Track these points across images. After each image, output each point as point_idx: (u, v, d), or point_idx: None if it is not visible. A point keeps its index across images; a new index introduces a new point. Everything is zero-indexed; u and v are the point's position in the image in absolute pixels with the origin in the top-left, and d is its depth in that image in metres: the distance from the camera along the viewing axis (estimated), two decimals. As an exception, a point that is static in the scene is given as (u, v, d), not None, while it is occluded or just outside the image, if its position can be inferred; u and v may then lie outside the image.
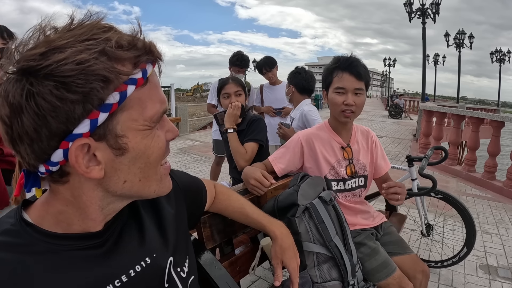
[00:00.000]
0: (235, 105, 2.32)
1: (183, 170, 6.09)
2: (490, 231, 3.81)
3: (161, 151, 0.65)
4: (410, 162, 2.99)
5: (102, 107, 0.54)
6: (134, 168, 0.62)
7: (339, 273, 1.39)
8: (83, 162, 0.56)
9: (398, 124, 15.82)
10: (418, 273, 1.74)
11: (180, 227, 0.90)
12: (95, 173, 0.58)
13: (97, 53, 0.53)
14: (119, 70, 0.55)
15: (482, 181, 5.60)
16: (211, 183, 1.22)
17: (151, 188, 0.67)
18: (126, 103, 0.57)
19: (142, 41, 0.59)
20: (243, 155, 2.26)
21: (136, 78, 0.57)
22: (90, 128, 0.54)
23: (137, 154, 0.61)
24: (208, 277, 1.05)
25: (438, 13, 16.27)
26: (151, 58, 0.60)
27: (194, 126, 13.41)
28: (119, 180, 0.61)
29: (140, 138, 0.60)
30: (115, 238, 0.69)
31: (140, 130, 0.60)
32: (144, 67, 0.59)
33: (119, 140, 0.58)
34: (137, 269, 0.70)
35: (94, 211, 0.64)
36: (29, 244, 0.59)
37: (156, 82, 0.64)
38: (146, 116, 0.60)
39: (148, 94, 0.60)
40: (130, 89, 0.56)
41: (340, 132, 1.81)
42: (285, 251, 1.17)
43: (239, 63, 4.08)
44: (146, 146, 0.61)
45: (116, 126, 0.57)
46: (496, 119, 5.74)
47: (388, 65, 46.34)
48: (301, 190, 1.44)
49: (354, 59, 1.70)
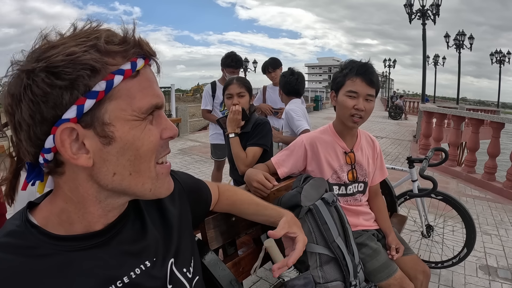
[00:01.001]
0: (235, 110, 2.27)
1: (184, 170, 6.12)
2: (490, 232, 3.82)
3: (152, 144, 0.64)
4: (411, 164, 3.01)
5: (88, 94, 0.56)
6: (123, 159, 0.62)
7: (341, 273, 1.40)
8: (69, 148, 0.58)
9: (398, 125, 15.82)
10: (419, 273, 1.75)
11: (184, 228, 0.90)
12: (83, 161, 0.59)
13: (87, 47, 0.57)
14: (107, 61, 0.58)
15: (482, 182, 5.61)
16: (214, 184, 1.22)
17: (145, 186, 0.66)
18: (114, 92, 0.59)
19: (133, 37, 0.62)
20: (243, 160, 2.24)
21: (124, 69, 0.60)
22: (77, 113, 0.57)
23: (125, 145, 0.61)
24: (212, 278, 1.06)
25: (438, 14, 16.27)
26: (139, 52, 0.62)
27: (194, 127, 13.39)
28: (108, 171, 0.62)
29: (128, 128, 0.61)
30: (118, 239, 0.70)
31: (129, 120, 0.61)
32: (134, 60, 0.61)
33: (106, 128, 0.59)
34: (137, 272, 0.71)
35: (92, 204, 0.65)
36: (33, 246, 0.60)
37: (150, 77, 0.65)
38: (134, 106, 0.61)
39: (139, 86, 0.62)
40: (117, 78, 0.59)
41: (345, 137, 1.81)
42: (297, 221, 1.16)
43: (234, 64, 3.95)
44: (135, 137, 0.62)
45: (104, 114, 0.59)
46: (496, 120, 5.75)
47: (388, 66, 46.22)
48: (304, 191, 1.46)
49: (369, 65, 1.69)
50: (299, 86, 3.08)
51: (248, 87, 2.44)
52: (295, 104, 3.00)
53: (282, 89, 3.09)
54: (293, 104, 2.99)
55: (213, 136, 4.10)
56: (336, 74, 1.78)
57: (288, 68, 3.22)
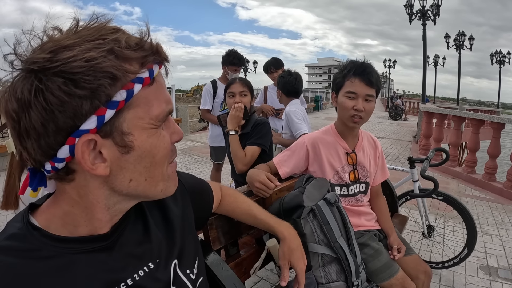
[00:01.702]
0: (237, 107, 2.27)
1: (184, 171, 6.08)
2: (491, 232, 3.82)
3: (166, 151, 0.65)
4: (412, 164, 3.02)
5: (109, 104, 0.54)
6: (139, 166, 0.62)
7: (344, 273, 1.41)
8: (89, 159, 0.56)
9: (398, 125, 15.82)
10: (420, 273, 1.75)
11: (187, 229, 0.89)
12: (101, 170, 0.58)
13: (105, 52, 0.54)
14: (126, 68, 0.56)
15: (483, 182, 5.62)
16: (217, 185, 1.22)
17: (157, 187, 0.67)
18: (133, 101, 0.58)
19: (150, 42, 0.60)
20: (242, 159, 2.24)
21: (143, 77, 0.58)
22: (97, 124, 0.54)
23: (142, 153, 0.61)
24: (215, 278, 1.06)
25: (439, 15, 16.29)
26: (158, 59, 0.61)
27: (194, 127, 13.38)
28: (124, 178, 0.61)
29: (145, 136, 0.60)
30: (121, 241, 0.69)
31: (146, 128, 0.60)
32: (151, 67, 0.60)
33: (125, 137, 0.58)
34: (140, 274, 0.70)
35: (100, 211, 0.64)
36: (36, 249, 0.59)
37: (162, 82, 0.64)
38: (152, 114, 0.60)
39: (155, 93, 0.61)
40: (137, 87, 0.57)
41: (346, 137, 1.80)
42: (293, 252, 1.17)
43: (237, 61, 3.86)
44: (152, 145, 0.62)
45: (123, 123, 0.57)
46: (496, 120, 5.75)
47: (388, 67, 46.31)
48: (306, 191, 1.46)
49: (368, 65, 1.68)
50: (298, 86, 3.09)
51: (250, 87, 2.45)
52: (295, 106, 3.00)
53: (282, 89, 3.10)
54: (294, 106, 2.99)
55: (212, 139, 4.03)
56: (336, 75, 1.78)
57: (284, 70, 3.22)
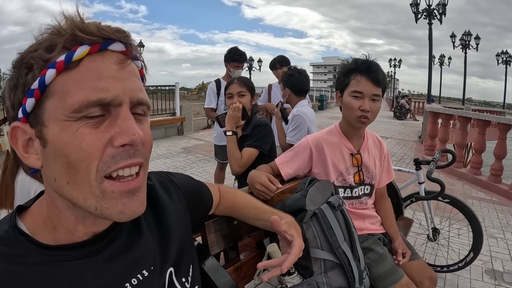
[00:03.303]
0: (234, 107, 2.26)
1: (187, 169, 6.03)
2: (496, 235, 3.77)
3: (84, 153, 0.54)
4: (418, 166, 2.95)
5: (28, 93, 0.55)
6: (57, 165, 0.55)
7: (346, 280, 1.36)
8: (20, 146, 0.58)
9: (403, 125, 15.74)
10: (425, 279, 1.72)
11: (183, 235, 0.86)
12: (32, 161, 0.58)
13: (41, 45, 0.55)
14: (43, 55, 0.54)
15: (488, 184, 5.55)
16: (215, 186, 1.18)
17: (88, 202, 0.56)
18: (50, 88, 0.54)
19: (72, 21, 0.55)
20: (237, 160, 2.21)
21: (56, 61, 0.53)
22: (22, 112, 0.56)
23: (55, 149, 0.55)
24: (213, 284, 1.03)
25: (445, 14, 16.19)
26: (86, 39, 0.54)
27: (198, 125, 13.43)
28: (50, 175, 0.58)
29: (57, 130, 0.54)
30: (111, 249, 0.66)
31: (60, 120, 0.54)
32: (75, 48, 0.54)
33: (43, 129, 0.55)
34: (133, 282, 0.67)
35: (63, 209, 0.60)
36: (22, 255, 0.57)
37: (97, 67, 0.55)
38: (65, 103, 0.53)
39: (74, 79, 0.54)
40: (49, 72, 0.54)
41: (351, 138, 1.75)
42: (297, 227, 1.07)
43: (239, 57, 3.88)
44: (62, 142, 0.54)
45: (44, 114, 0.55)
46: (503, 121, 5.67)
47: (394, 66, 46.27)
48: (309, 195, 1.40)
49: (374, 63, 1.62)
50: (308, 84, 3.04)
51: (249, 86, 2.41)
52: (306, 108, 2.93)
53: (292, 88, 2.95)
54: (305, 108, 2.92)
55: (217, 137, 3.99)
56: (340, 73, 1.72)
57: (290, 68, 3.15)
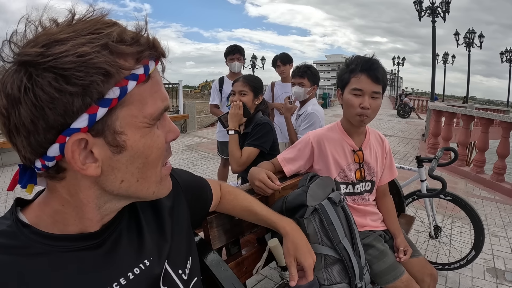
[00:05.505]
0: (235, 104, 2.29)
1: (190, 167, 6.04)
2: (498, 234, 3.76)
3: (160, 151, 0.63)
4: (420, 163, 2.96)
5: (101, 102, 0.52)
6: (132, 167, 0.60)
7: (347, 275, 1.37)
8: (79, 158, 0.54)
9: (406, 123, 15.70)
10: (426, 276, 1.72)
11: (180, 227, 0.88)
12: (91, 171, 0.56)
13: (99, 47, 0.52)
14: (120, 64, 0.54)
15: (491, 183, 5.54)
16: (216, 183, 1.20)
17: (149, 189, 0.65)
18: (127, 98, 0.55)
19: (146, 37, 0.58)
20: (237, 159, 2.23)
21: (138, 74, 0.56)
22: (88, 123, 0.52)
23: (135, 153, 0.59)
24: (214, 278, 1.04)
25: (448, 12, 16.05)
26: (154, 54, 0.59)
27: (201, 123, 13.45)
28: (116, 179, 0.60)
29: (139, 136, 0.58)
30: (113, 240, 0.68)
31: (140, 127, 0.58)
32: (146, 63, 0.57)
33: (118, 137, 0.56)
34: (136, 272, 0.69)
35: (90, 210, 0.62)
36: (25, 246, 0.58)
37: (159, 79, 0.62)
38: (146, 113, 0.58)
39: (150, 90, 0.59)
40: (131, 84, 0.55)
41: (353, 135, 1.76)
42: (298, 247, 1.12)
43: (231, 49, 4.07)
44: (145, 145, 0.60)
45: (115, 122, 0.55)
46: (506, 120, 5.66)
47: (397, 64, 45.91)
48: (310, 190, 1.41)
49: (375, 60, 1.62)
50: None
51: (253, 86, 2.42)
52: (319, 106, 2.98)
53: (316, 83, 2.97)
54: (317, 106, 2.96)
55: (220, 134, 4.07)
56: (341, 71, 1.73)
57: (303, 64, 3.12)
